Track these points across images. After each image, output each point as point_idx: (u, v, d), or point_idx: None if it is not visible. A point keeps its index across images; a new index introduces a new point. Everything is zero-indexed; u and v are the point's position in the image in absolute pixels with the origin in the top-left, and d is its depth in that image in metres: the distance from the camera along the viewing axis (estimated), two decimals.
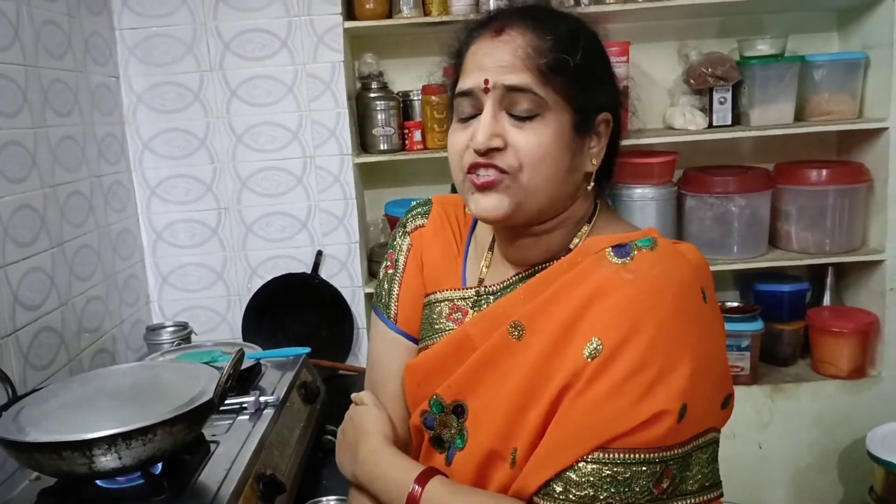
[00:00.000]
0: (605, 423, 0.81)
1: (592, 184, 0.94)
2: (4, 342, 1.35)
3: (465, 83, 0.90)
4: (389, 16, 2.11)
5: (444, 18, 2.09)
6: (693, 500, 0.84)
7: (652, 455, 0.81)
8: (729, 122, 2.21)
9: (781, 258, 2.22)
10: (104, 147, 1.87)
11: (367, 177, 2.32)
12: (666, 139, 2.16)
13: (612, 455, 0.81)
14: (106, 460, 1.04)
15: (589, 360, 0.82)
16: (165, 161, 2.06)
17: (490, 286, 1.00)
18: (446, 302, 1.03)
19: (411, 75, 2.27)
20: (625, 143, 1.01)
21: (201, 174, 2.08)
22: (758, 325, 2.18)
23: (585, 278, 0.87)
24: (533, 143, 0.86)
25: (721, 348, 0.90)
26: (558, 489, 0.83)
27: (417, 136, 2.17)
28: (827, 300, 2.37)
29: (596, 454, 0.81)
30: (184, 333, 1.91)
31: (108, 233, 1.85)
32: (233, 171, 2.08)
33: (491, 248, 1.03)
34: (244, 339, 1.98)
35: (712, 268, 0.94)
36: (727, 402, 0.89)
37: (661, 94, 2.34)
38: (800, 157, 2.33)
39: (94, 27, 1.87)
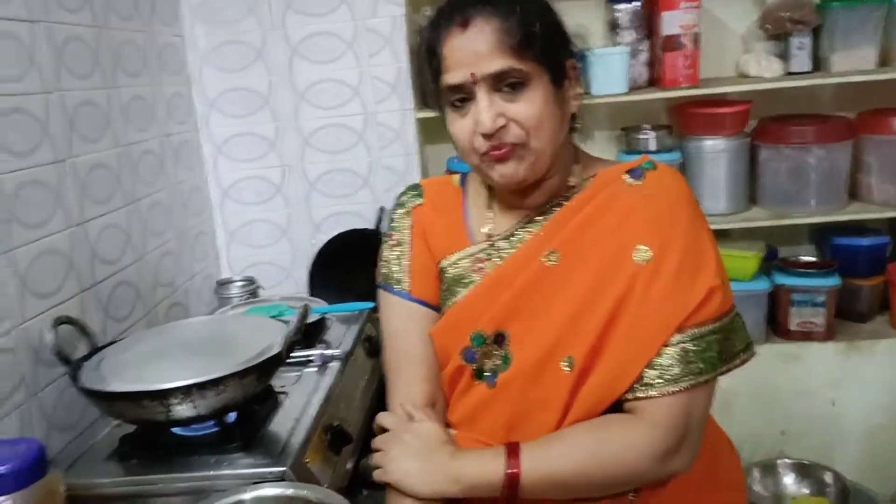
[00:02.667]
0: (676, 310, 0.96)
1: (577, 125, 1.06)
2: (85, 295, 1.41)
3: (451, 78, 0.97)
4: None
5: None
6: (742, 357, 1.02)
7: (716, 325, 0.97)
8: (808, 69, 2.10)
9: (861, 211, 2.11)
10: (172, 106, 1.91)
11: (429, 132, 2.31)
12: (739, 88, 2.07)
13: (689, 332, 0.96)
14: (182, 409, 1.09)
15: (643, 263, 0.97)
16: (230, 119, 2.09)
17: (500, 234, 1.09)
18: (467, 258, 1.10)
19: None
20: (695, 91, 1.05)
21: (265, 132, 2.10)
22: (834, 281, 2.09)
23: (613, 200, 1.02)
24: (531, 112, 0.97)
25: None
26: (654, 375, 0.95)
27: None
28: None
29: (676, 336, 0.95)
30: (251, 288, 1.96)
31: (179, 190, 1.90)
32: (295, 128, 2.10)
33: (489, 207, 1.12)
34: (310, 294, 2.02)
35: (787, 221, 1.06)
36: None
37: (734, 41, 2.23)
38: (883, 105, 2.19)
39: None
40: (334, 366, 1.46)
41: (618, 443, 0.94)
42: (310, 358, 1.46)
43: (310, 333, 1.56)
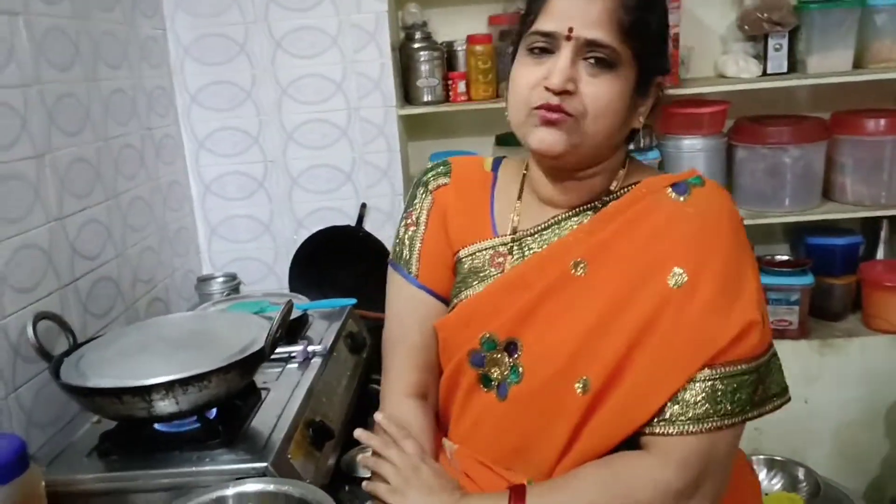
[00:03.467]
0: (707, 342, 0.89)
1: (634, 138, 1.02)
2: (64, 291, 1.40)
3: (546, 24, 0.91)
4: None
5: None
6: (776, 402, 0.94)
7: (751, 364, 0.90)
8: (784, 70, 2.13)
9: (835, 211, 2.15)
10: (153, 100, 1.90)
11: (411, 129, 2.31)
12: (717, 88, 2.10)
13: (719, 370, 0.89)
14: (164, 405, 1.09)
15: (675, 287, 0.90)
16: (213, 113, 2.08)
17: (526, 230, 1.03)
18: (487, 250, 1.05)
19: (455, 25, 2.24)
20: (674, 91, 1.04)
21: (248, 126, 2.10)
22: (808, 280, 2.13)
23: (650, 213, 0.95)
24: (602, 94, 0.91)
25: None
26: (676, 410, 0.89)
27: (461, 87, 2.15)
28: (881, 254, 2.30)
29: (705, 371, 0.88)
30: (233, 284, 1.96)
31: (160, 185, 1.89)
32: (278, 123, 2.09)
33: (519, 198, 1.06)
34: (291, 290, 2.02)
35: (762, 220, 1.04)
36: None
37: (713, 41, 2.26)
38: (858, 106, 2.23)
39: None
40: (316, 362, 1.46)
41: (630, 485, 0.88)
42: (292, 354, 1.47)
43: (292, 329, 1.56)
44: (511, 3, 2.18)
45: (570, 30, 0.89)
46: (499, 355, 0.99)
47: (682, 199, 0.95)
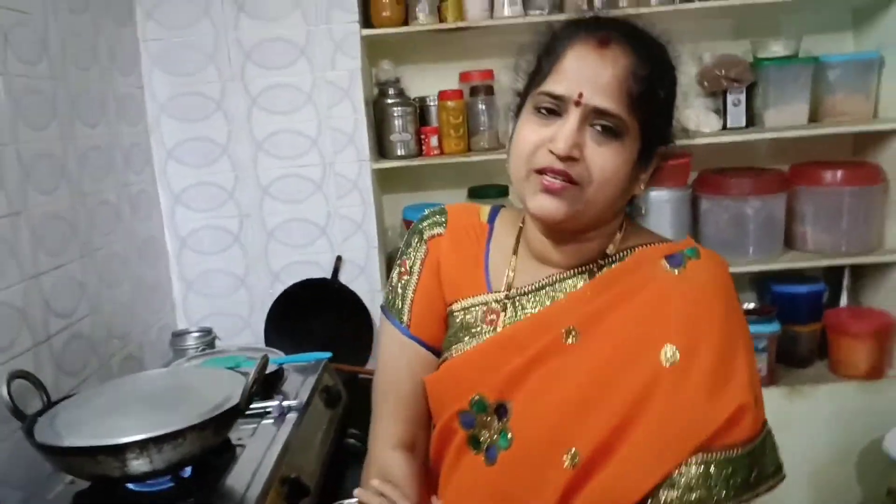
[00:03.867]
0: (699, 425, 0.87)
1: (639, 207, 1.03)
2: (38, 349, 1.40)
3: (556, 86, 0.91)
4: (406, 23, 2.14)
5: (460, 24, 2.11)
6: (771, 483, 0.92)
7: (746, 447, 0.89)
8: (743, 124, 2.22)
9: (797, 259, 2.22)
10: (130, 156, 1.92)
11: (385, 182, 2.36)
12: (679, 141, 2.16)
13: (714, 455, 0.88)
14: (138, 464, 1.08)
15: (667, 365, 0.89)
16: (189, 169, 2.11)
17: (521, 287, 1.02)
18: (479, 306, 1.04)
19: (427, 80, 2.31)
20: None
21: (223, 181, 2.12)
22: (774, 327, 2.18)
23: (644, 286, 0.94)
24: (607, 163, 0.91)
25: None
26: (672, 495, 0.87)
27: (434, 141, 2.20)
28: (844, 301, 2.37)
29: (699, 455, 0.87)
30: (208, 339, 1.95)
31: (135, 240, 1.90)
32: (254, 178, 2.12)
33: (515, 252, 1.05)
34: (266, 344, 2.02)
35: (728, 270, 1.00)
36: None
37: None
38: (815, 158, 2.32)
39: (119, 38, 1.91)
40: (291, 417, 1.46)
41: None
42: (267, 409, 1.47)
43: (267, 384, 1.56)
44: (477, 61, 2.26)
45: (580, 95, 0.89)
46: (489, 418, 0.98)
47: (676, 271, 0.95)
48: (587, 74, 0.90)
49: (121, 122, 1.88)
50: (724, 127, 2.22)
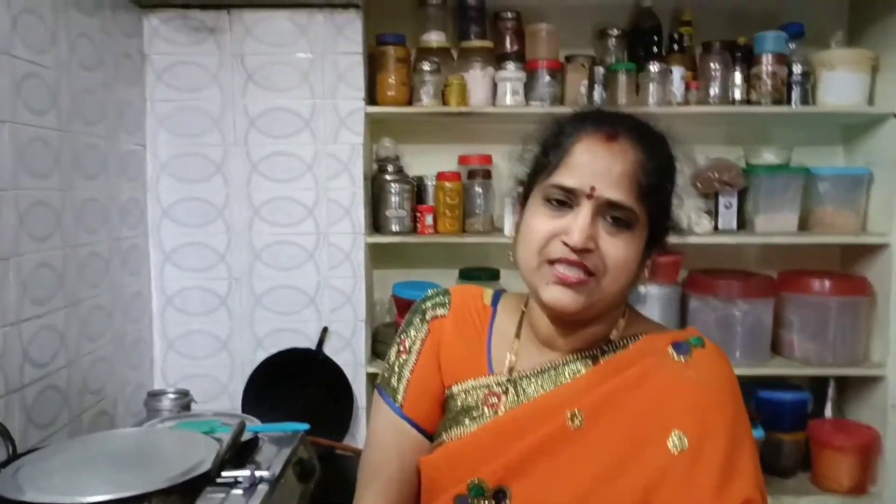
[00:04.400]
0: None
1: (645, 290, 1.03)
2: (10, 398, 1.36)
3: (567, 179, 0.93)
4: (410, 103, 2.20)
5: (462, 109, 2.17)
6: None
7: None
8: (734, 228, 2.26)
9: (784, 366, 2.22)
10: (125, 211, 1.93)
11: (377, 257, 2.36)
12: (672, 239, 2.20)
13: None
14: None
15: (675, 452, 0.89)
16: (183, 228, 2.11)
17: (523, 371, 1.02)
18: (480, 389, 1.03)
19: (427, 160, 2.35)
20: None
21: (216, 243, 2.12)
22: (758, 434, 2.16)
23: (652, 374, 0.95)
24: (621, 253, 0.93)
25: None
26: None
27: (429, 220, 2.22)
28: (829, 412, 2.35)
29: None
30: (184, 401, 1.90)
31: (122, 295, 1.88)
32: (248, 242, 2.13)
33: (517, 336, 1.05)
34: (243, 411, 1.97)
35: None
36: None
37: None
38: (803, 266, 2.36)
39: (128, 97, 1.95)
40: (262, 488, 1.40)
41: None
42: (238, 479, 1.41)
43: (240, 452, 1.51)
44: (477, 145, 2.31)
45: (593, 189, 0.91)
46: (486, 503, 0.96)
47: (683, 359, 0.96)
48: (598, 168, 0.92)
49: (120, 178, 1.89)
50: (716, 229, 2.26)
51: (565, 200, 0.93)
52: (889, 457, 2.17)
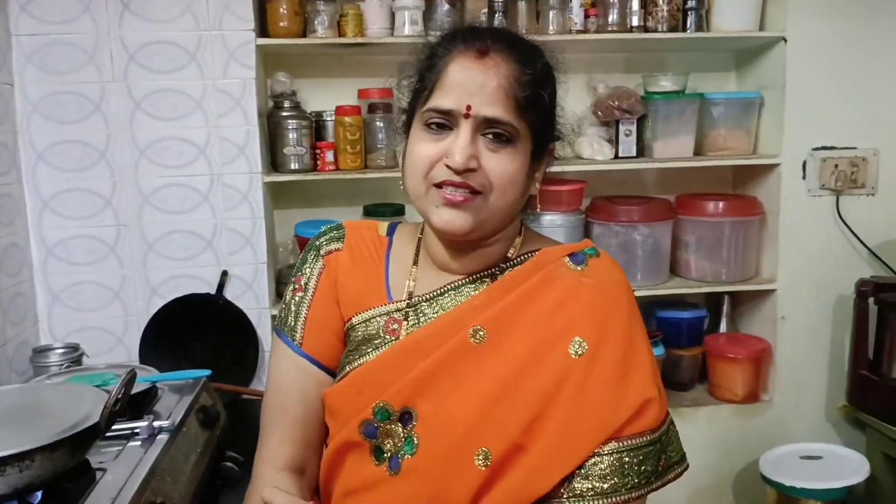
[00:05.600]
0: (608, 416, 0.90)
1: (536, 205, 1.03)
2: None
3: (443, 101, 0.91)
4: (304, 35, 2.09)
5: (359, 40, 2.09)
6: (678, 470, 0.96)
7: (654, 435, 0.91)
8: (634, 154, 2.29)
9: (681, 286, 2.30)
10: None
11: (277, 197, 2.28)
12: (574, 168, 2.22)
13: (625, 442, 0.90)
14: None
15: (576, 357, 0.91)
16: (61, 173, 1.96)
17: (422, 295, 1.01)
18: (381, 317, 1.02)
19: (325, 95, 2.26)
20: None
21: (100, 188, 1.99)
22: (659, 351, 2.24)
23: (550, 284, 0.96)
24: (505, 169, 0.92)
25: None
26: (586, 486, 0.89)
27: (330, 156, 2.15)
28: (723, 327, 2.47)
29: (611, 444, 0.89)
30: (74, 356, 1.81)
31: None
32: (135, 186, 2.00)
33: (415, 263, 1.05)
34: (141, 363, 1.89)
35: None
36: None
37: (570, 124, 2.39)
38: (699, 189, 2.43)
39: None
40: (162, 438, 1.35)
41: None
42: (135, 430, 1.35)
43: (138, 404, 1.45)
44: (376, 78, 2.23)
45: (469, 108, 0.90)
46: (393, 426, 0.95)
47: (579, 268, 0.97)
48: (472, 86, 0.90)
49: None
50: (616, 156, 2.28)
51: (445, 123, 0.92)
52: (780, 365, 2.31)
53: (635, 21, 2.23)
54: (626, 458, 0.89)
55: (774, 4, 2.23)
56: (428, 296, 1.01)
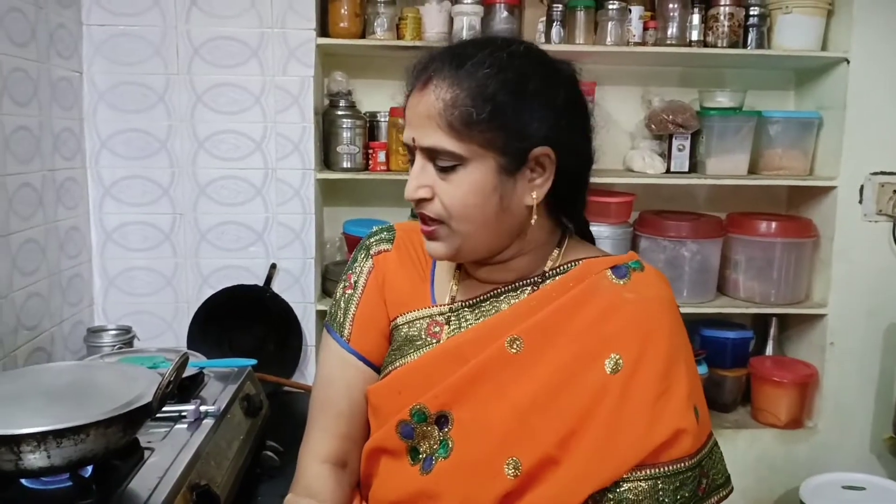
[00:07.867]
0: (646, 436, 0.87)
1: (535, 216, 0.94)
2: None
3: (404, 136, 0.95)
4: (363, 36, 2.12)
5: (417, 43, 2.11)
6: (722, 493, 0.94)
7: (692, 461, 0.88)
8: (686, 169, 2.26)
9: (728, 305, 2.27)
10: (60, 142, 1.83)
11: (328, 194, 2.31)
12: (625, 180, 2.21)
13: (661, 469, 0.87)
14: (34, 458, 1.00)
15: (612, 374, 0.89)
16: (123, 161, 2.02)
17: (464, 301, 1.02)
18: (423, 319, 1.04)
19: (380, 96, 2.29)
20: None
21: (159, 177, 2.04)
22: (702, 370, 2.21)
23: (590, 297, 0.93)
24: (455, 194, 0.90)
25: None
26: None
27: (381, 156, 2.17)
28: (770, 350, 2.42)
29: (646, 470, 0.87)
30: (126, 338, 1.86)
31: (56, 229, 1.80)
32: (192, 176, 2.05)
33: (459, 268, 1.05)
34: (189, 348, 1.93)
35: None
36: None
37: (622, 137, 2.39)
38: (751, 208, 2.39)
39: (60, 20, 1.83)
40: (208, 423, 1.38)
41: None
42: (182, 413, 1.39)
43: (185, 388, 1.48)
44: None
45: (413, 140, 0.92)
46: (429, 428, 0.96)
47: (621, 282, 0.94)
48: (415, 118, 0.92)
49: (54, 106, 1.79)
50: (668, 170, 2.26)
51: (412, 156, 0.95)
52: (826, 392, 2.25)
53: (695, 35, 2.21)
54: (661, 485, 0.87)
55: (838, 25, 2.19)
56: (470, 301, 1.02)
